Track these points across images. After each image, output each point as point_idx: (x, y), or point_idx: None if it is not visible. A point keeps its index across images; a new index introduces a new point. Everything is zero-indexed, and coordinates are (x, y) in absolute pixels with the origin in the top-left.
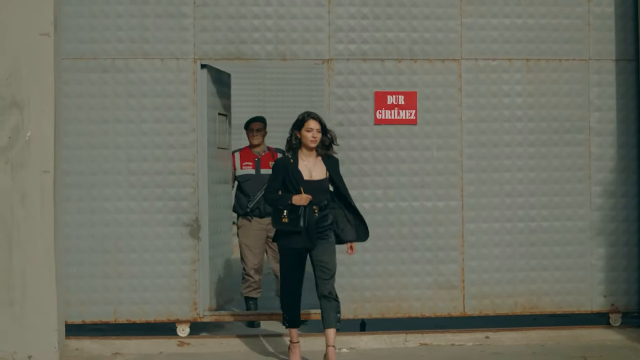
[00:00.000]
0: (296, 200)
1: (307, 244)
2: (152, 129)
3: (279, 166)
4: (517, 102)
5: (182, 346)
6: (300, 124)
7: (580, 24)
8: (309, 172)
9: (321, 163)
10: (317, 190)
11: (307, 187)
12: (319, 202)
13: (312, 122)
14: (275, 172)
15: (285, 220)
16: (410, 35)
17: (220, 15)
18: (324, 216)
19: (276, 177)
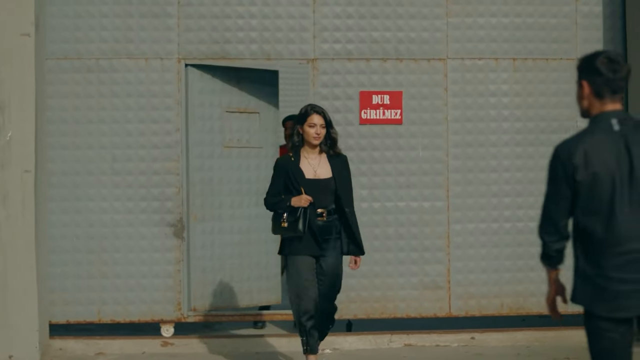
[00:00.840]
0: (294, 202)
1: (313, 249)
2: (137, 129)
3: (279, 166)
4: (503, 101)
5: (165, 346)
6: (302, 118)
7: (567, 23)
8: (312, 170)
9: (326, 161)
10: (323, 191)
11: (309, 187)
12: (326, 204)
13: (316, 116)
14: (275, 173)
15: (284, 224)
16: (395, 34)
17: (204, 14)
18: (331, 221)
19: (276, 178)
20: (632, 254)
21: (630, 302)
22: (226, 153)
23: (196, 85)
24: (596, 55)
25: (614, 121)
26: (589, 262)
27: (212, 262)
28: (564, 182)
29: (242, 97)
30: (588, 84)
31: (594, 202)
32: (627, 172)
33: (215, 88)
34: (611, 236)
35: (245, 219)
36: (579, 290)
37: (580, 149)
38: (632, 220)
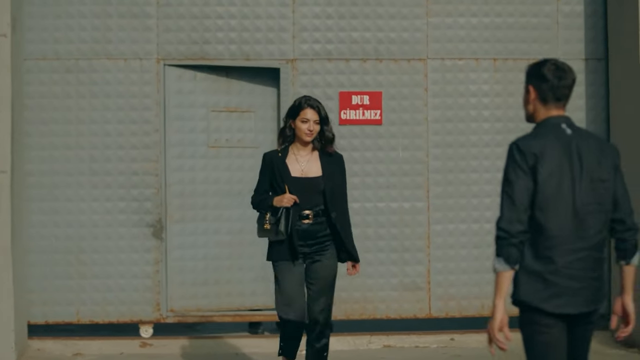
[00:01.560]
0: (276, 201)
1: (293, 255)
2: (116, 130)
3: (265, 162)
4: (484, 102)
5: (144, 347)
6: (295, 111)
7: (548, 23)
8: (299, 167)
9: (317, 159)
10: (309, 191)
11: (294, 185)
12: (314, 205)
13: (310, 111)
14: (262, 170)
15: (267, 226)
16: (375, 34)
17: (183, 15)
18: (319, 224)
19: (263, 175)
20: (581, 252)
21: (578, 299)
22: (212, 153)
23: (174, 86)
24: (544, 62)
25: (564, 126)
26: (538, 259)
27: (195, 263)
28: (527, 174)
29: (233, 97)
30: (534, 89)
31: (549, 199)
32: (579, 174)
33: (198, 88)
34: (563, 234)
35: (236, 221)
36: (524, 286)
37: (539, 145)
38: (583, 220)
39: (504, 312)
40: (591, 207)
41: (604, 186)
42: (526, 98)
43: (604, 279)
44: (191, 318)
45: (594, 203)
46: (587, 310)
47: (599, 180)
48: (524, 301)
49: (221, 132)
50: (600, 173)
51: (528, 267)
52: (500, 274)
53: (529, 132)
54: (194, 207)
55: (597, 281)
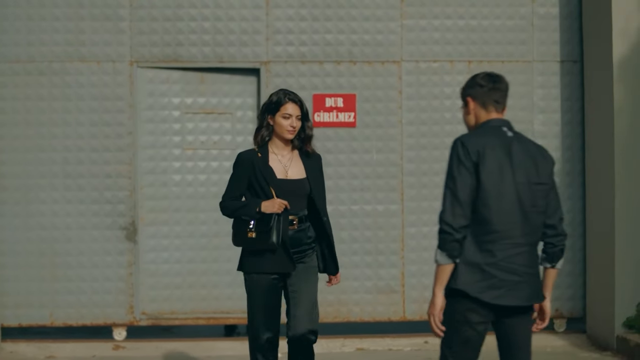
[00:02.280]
0: (266, 207)
1: (285, 266)
2: (89, 132)
3: (242, 162)
4: (458, 104)
5: (117, 350)
6: (274, 107)
7: (524, 25)
8: (283, 169)
9: (299, 159)
10: (295, 194)
11: (281, 189)
12: (298, 210)
13: (291, 106)
14: (237, 171)
15: (252, 235)
16: (349, 37)
17: (157, 17)
18: (303, 230)
19: (238, 177)
20: (522, 247)
21: (516, 292)
22: (187, 155)
23: (147, 88)
24: (477, 74)
25: (505, 128)
26: (480, 251)
27: (169, 266)
28: (469, 170)
29: (209, 98)
30: (472, 98)
31: (493, 195)
32: (519, 175)
33: (172, 90)
34: (506, 229)
35: (212, 224)
36: (463, 276)
37: (482, 142)
38: (525, 218)
39: (443, 300)
40: (531, 207)
41: (541, 189)
42: (466, 111)
43: (539, 276)
44: (165, 321)
45: (532, 204)
46: (525, 305)
47: (537, 184)
48: (462, 290)
49: (196, 134)
50: (538, 177)
51: (468, 258)
52: (441, 267)
53: (471, 132)
54: (167, 209)
55: (536, 277)
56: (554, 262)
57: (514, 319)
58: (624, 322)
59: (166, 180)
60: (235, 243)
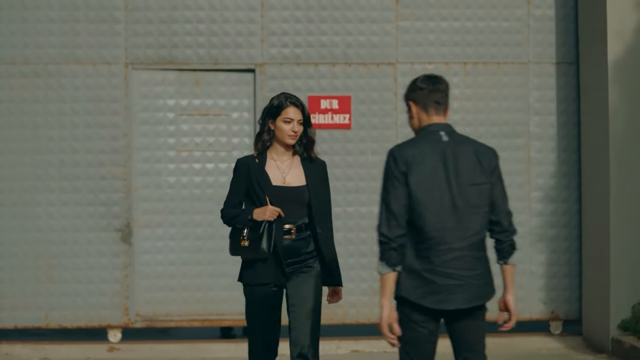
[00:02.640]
0: (257, 214)
1: (275, 276)
2: (84, 134)
3: (239, 168)
4: (453, 106)
5: (111, 351)
6: (275, 111)
7: (519, 27)
8: (281, 176)
9: (299, 166)
10: (292, 202)
11: (276, 196)
12: (297, 218)
13: (293, 110)
14: (235, 178)
15: (244, 243)
16: (344, 38)
17: (152, 19)
18: (303, 239)
19: (236, 184)
20: (458, 251)
21: (455, 296)
22: (182, 157)
23: (142, 90)
24: (416, 78)
25: (442, 133)
26: (418, 258)
27: (164, 268)
28: (401, 181)
29: (205, 100)
30: (414, 102)
31: (425, 202)
32: (454, 178)
33: (167, 92)
34: (440, 235)
35: (207, 226)
36: (405, 283)
37: (413, 152)
38: (460, 222)
39: (390, 310)
40: (468, 209)
41: (480, 189)
42: (410, 115)
43: (487, 277)
44: (160, 323)
45: (470, 205)
46: (467, 307)
47: (475, 184)
48: (404, 297)
49: (191, 136)
50: (476, 177)
51: (409, 265)
52: (384, 276)
53: (408, 140)
54: (162, 211)
55: (478, 279)
56: (505, 259)
57: (462, 321)
58: (619, 324)
59: (161, 182)
60: (231, 252)
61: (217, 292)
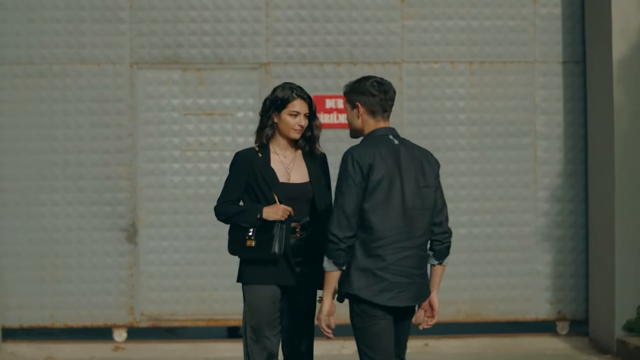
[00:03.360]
0: (269, 214)
1: (284, 277)
2: (89, 134)
3: (240, 162)
4: (460, 105)
5: (116, 351)
6: (281, 103)
7: (525, 26)
8: (285, 172)
9: (302, 161)
10: (298, 200)
11: (283, 193)
12: (301, 217)
13: (299, 103)
14: (235, 172)
15: (251, 243)
16: (349, 38)
17: (157, 19)
18: (305, 238)
19: (236, 179)
20: (409, 250)
21: (406, 293)
22: (188, 157)
23: (147, 90)
24: (366, 79)
25: (391, 137)
26: (370, 257)
27: (169, 268)
28: (358, 182)
29: (209, 100)
30: (361, 104)
31: (381, 203)
32: (407, 180)
33: (172, 91)
34: (393, 234)
35: (212, 226)
36: (356, 281)
37: (372, 153)
38: (411, 222)
39: (331, 304)
40: (418, 210)
41: (428, 191)
42: (354, 114)
43: (427, 277)
44: (165, 322)
45: (420, 207)
46: (412, 304)
47: (424, 186)
48: (356, 295)
49: (196, 136)
50: (425, 180)
51: (360, 264)
52: (330, 273)
53: (360, 142)
54: (167, 211)
55: (422, 278)
56: (441, 260)
57: (403, 319)
58: (624, 325)
59: (166, 182)
60: (232, 251)
61: (221, 292)
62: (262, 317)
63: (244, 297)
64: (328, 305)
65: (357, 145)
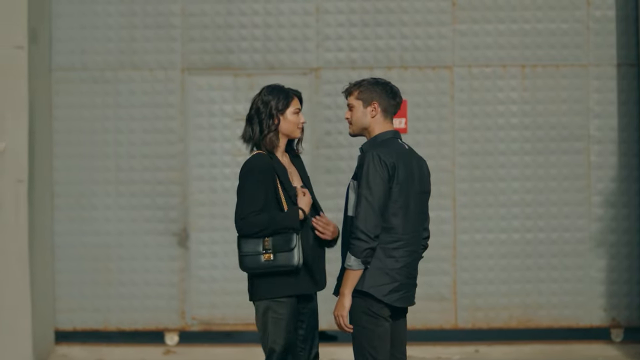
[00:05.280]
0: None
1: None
2: (141, 139)
3: (264, 170)
4: (512, 109)
5: (167, 354)
6: (285, 103)
7: (579, 28)
8: (290, 177)
9: (291, 163)
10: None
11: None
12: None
13: (297, 100)
14: (259, 181)
15: (269, 257)
16: (400, 42)
17: (208, 25)
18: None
19: (260, 188)
20: (416, 253)
21: (409, 294)
22: (238, 162)
23: (197, 95)
24: (385, 82)
25: (400, 141)
26: (387, 257)
27: (219, 272)
28: (386, 181)
29: None
30: (379, 104)
31: (401, 205)
32: (417, 185)
33: (222, 97)
34: (407, 237)
35: None
36: (371, 279)
37: (395, 155)
38: (418, 226)
39: (350, 302)
40: (421, 215)
41: (426, 197)
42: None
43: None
44: (216, 327)
45: (422, 211)
46: (412, 305)
47: (425, 192)
48: (369, 293)
49: None
50: (426, 185)
51: (375, 263)
52: (354, 272)
53: (377, 144)
54: (218, 216)
55: (416, 280)
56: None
57: (402, 319)
58: None
59: (217, 186)
60: (247, 268)
61: None
62: (291, 332)
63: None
64: (349, 304)
65: (376, 146)
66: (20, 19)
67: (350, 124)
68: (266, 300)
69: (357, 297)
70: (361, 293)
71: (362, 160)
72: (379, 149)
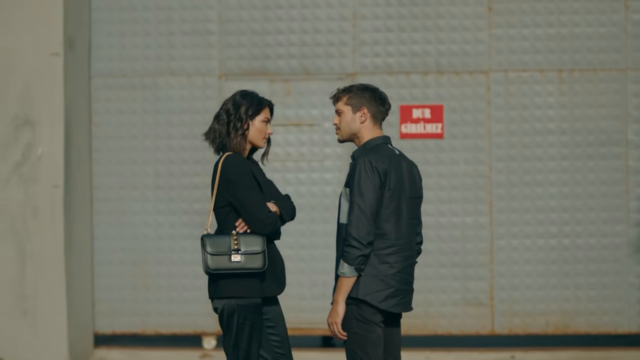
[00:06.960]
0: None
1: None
2: (179, 145)
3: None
4: (549, 114)
5: (204, 358)
6: (256, 109)
7: (617, 32)
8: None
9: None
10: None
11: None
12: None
13: (268, 111)
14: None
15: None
16: (437, 47)
17: (244, 31)
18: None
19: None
20: (410, 259)
21: (405, 300)
22: (275, 167)
23: None
24: (373, 88)
25: (391, 146)
26: (380, 263)
27: None
28: (378, 187)
29: (296, 110)
30: (368, 110)
31: (393, 211)
32: (409, 191)
33: None
34: (401, 243)
35: (299, 235)
36: (365, 286)
37: (386, 160)
38: (411, 232)
39: (344, 309)
40: (414, 220)
41: (418, 202)
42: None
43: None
44: None
45: (415, 217)
46: (409, 311)
47: (418, 197)
48: (363, 300)
49: (283, 146)
50: (417, 191)
51: (369, 270)
52: (347, 279)
53: (368, 149)
54: None
55: (413, 286)
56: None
57: (396, 325)
58: None
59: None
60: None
61: (309, 301)
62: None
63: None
64: (342, 311)
65: (367, 152)
66: (56, 27)
67: (339, 129)
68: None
69: (352, 304)
70: (356, 300)
71: (354, 167)
72: (370, 155)
